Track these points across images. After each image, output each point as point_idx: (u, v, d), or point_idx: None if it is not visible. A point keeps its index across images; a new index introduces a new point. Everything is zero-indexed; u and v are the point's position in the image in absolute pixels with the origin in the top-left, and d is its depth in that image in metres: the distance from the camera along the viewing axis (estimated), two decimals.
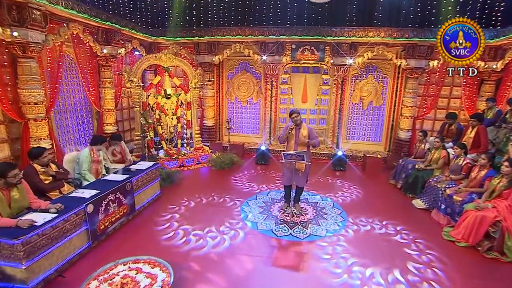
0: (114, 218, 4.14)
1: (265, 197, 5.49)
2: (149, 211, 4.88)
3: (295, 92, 8.42)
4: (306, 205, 5.15)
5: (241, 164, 7.47)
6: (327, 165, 7.63)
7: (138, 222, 4.50)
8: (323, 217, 4.75)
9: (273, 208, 5.03)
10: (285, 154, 4.31)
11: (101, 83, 6.78)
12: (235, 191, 5.74)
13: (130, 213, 4.52)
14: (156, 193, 5.37)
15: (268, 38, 7.69)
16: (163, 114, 7.28)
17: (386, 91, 8.05)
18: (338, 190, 5.96)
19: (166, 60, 7.12)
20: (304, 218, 4.67)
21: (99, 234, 3.81)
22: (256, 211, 4.89)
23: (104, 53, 6.45)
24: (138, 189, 4.75)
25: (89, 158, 4.44)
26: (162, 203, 5.17)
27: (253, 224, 4.45)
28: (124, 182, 4.38)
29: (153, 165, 5.26)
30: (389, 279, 3.25)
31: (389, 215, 4.85)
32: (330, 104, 8.32)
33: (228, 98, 8.91)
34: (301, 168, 4.63)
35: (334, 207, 5.14)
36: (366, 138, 8.45)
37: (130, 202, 4.50)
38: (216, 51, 8.17)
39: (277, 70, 8.15)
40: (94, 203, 3.71)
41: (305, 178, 4.76)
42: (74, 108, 6.41)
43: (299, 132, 4.57)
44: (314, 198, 5.49)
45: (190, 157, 7.40)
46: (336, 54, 7.62)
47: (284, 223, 4.50)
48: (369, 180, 6.68)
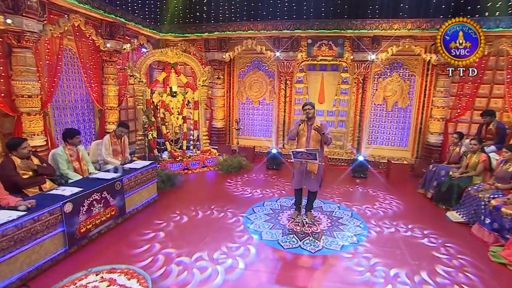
0: (99, 221, 3.76)
1: (274, 203, 5.00)
2: (144, 215, 4.49)
3: (311, 91, 7.94)
4: (320, 214, 4.59)
5: (250, 169, 7.01)
6: (346, 172, 7.02)
7: (128, 226, 4.11)
8: (339, 228, 4.16)
9: (281, 216, 4.52)
10: (294, 152, 3.81)
11: (104, 79, 6.59)
12: (240, 198, 5.25)
13: (119, 215, 4.15)
14: (153, 196, 4.99)
15: (282, 33, 7.30)
16: (167, 113, 6.99)
17: (414, 91, 7.38)
18: (358, 199, 5.36)
19: (173, 56, 6.87)
20: (317, 229, 4.11)
21: (78, 238, 3.43)
22: (262, 219, 4.39)
23: (108, 47, 6.27)
24: (130, 190, 4.38)
25: (64, 157, 4.10)
26: (158, 208, 4.78)
27: (257, 234, 3.95)
28: (113, 180, 4.02)
29: (149, 165, 4.89)
30: (416, 279, 3.06)
31: (419, 225, 4.22)
32: (350, 105, 7.74)
33: (239, 98, 8.54)
34: (313, 170, 4.12)
35: (353, 217, 4.54)
36: (391, 142, 7.76)
37: (119, 203, 4.13)
38: (227, 47, 7.87)
39: (291, 68, 7.71)
40: (74, 202, 3.35)
41: (318, 181, 4.24)
42: (75, 105, 6.23)
43: (311, 128, 4.07)
44: (330, 206, 4.92)
45: (195, 159, 7.04)
46: (356, 49, 7.09)
47: (293, 233, 3.97)
48: (394, 188, 6.00)
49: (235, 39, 7.77)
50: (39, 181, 3.58)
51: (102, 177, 4.06)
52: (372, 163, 7.35)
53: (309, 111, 3.98)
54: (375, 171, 7.14)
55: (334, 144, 8.01)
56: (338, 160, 7.72)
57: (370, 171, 6.99)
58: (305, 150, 3.72)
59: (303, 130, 4.08)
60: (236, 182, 6.11)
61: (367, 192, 5.78)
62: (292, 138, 4.17)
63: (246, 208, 4.74)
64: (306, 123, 4.08)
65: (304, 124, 4.07)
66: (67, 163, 4.15)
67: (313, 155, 3.67)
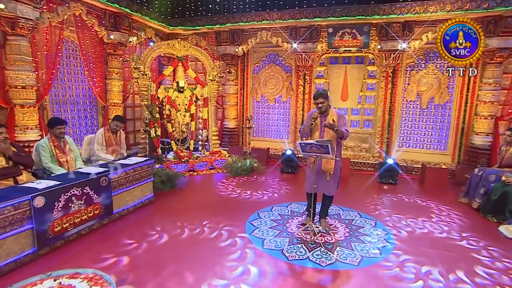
0: (79, 220, 3.48)
1: (283, 209, 4.53)
2: (135, 216, 4.20)
3: (333, 87, 7.43)
4: (336, 222, 4.06)
5: (262, 172, 6.58)
6: (373, 177, 6.40)
7: (115, 228, 3.81)
8: (358, 239, 3.60)
9: (290, 223, 4.05)
10: (302, 145, 3.34)
11: (108, 73, 6.52)
12: (245, 203, 4.82)
13: (105, 215, 3.87)
14: (147, 197, 4.70)
15: (300, 22, 6.92)
16: (174, 109, 6.76)
17: (454, 84, 6.63)
18: (385, 208, 4.75)
19: (180, 49, 6.68)
20: (331, 238, 3.59)
21: (51, 238, 3.15)
22: (267, 225, 3.94)
23: (111, 39, 6.19)
24: (119, 188, 4.11)
25: (47, 149, 3.89)
26: (152, 210, 4.48)
27: (258, 242, 3.49)
28: (98, 175, 3.74)
29: (144, 161, 4.61)
30: (451, 277, 2.91)
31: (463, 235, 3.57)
32: (378, 102, 7.14)
33: (253, 96, 8.20)
34: (328, 169, 3.64)
35: (377, 227, 3.95)
36: (426, 145, 7.01)
37: (105, 202, 3.85)
38: (240, 40, 7.60)
39: (310, 61, 7.25)
40: (47, 196, 3.08)
41: (335, 183, 3.75)
42: (76, 100, 6.17)
43: (325, 120, 3.65)
44: (349, 214, 4.37)
45: (202, 161, 6.74)
46: (384, 37, 6.53)
47: (301, 242, 3.47)
48: (430, 196, 5.28)
49: (248, 31, 7.50)
50: (13, 172, 3.37)
51: (87, 171, 3.81)
52: (403, 168, 6.66)
53: (322, 105, 3.57)
54: (407, 177, 6.44)
55: (359, 146, 7.39)
56: (363, 164, 7.09)
57: (401, 176, 6.31)
58: (315, 142, 3.23)
59: (316, 124, 3.67)
60: (244, 186, 5.70)
61: (396, 199, 5.15)
62: (305, 135, 3.78)
63: (250, 214, 4.29)
64: (319, 116, 3.67)
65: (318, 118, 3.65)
66: (51, 156, 3.94)
67: (325, 148, 3.18)
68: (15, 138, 4.75)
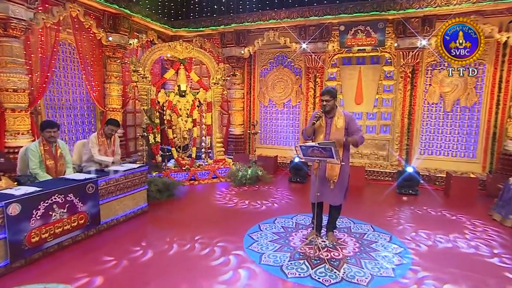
0: (60, 230, 3.36)
1: (287, 221, 4.32)
2: (125, 227, 4.07)
3: (346, 90, 7.21)
4: (346, 236, 3.80)
5: (269, 181, 6.38)
6: (391, 187, 6.07)
7: (103, 240, 3.69)
8: (370, 255, 3.31)
9: (293, 236, 3.82)
10: (303, 148, 3.13)
11: (107, 77, 6.53)
12: (246, 214, 4.63)
13: (91, 226, 3.75)
14: (140, 206, 4.57)
15: (309, 20, 6.78)
16: (175, 114, 6.69)
17: (483, 84, 6.26)
18: (402, 221, 4.44)
19: (182, 51, 6.64)
20: (338, 254, 3.32)
21: (27, 250, 3.04)
22: (268, 238, 3.74)
23: (110, 41, 6.22)
24: (108, 195, 4.00)
25: (37, 153, 3.82)
26: (145, 221, 4.36)
27: (255, 256, 3.28)
28: (84, 182, 3.64)
29: (137, 168, 4.50)
30: None
31: None
32: (396, 105, 6.86)
33: (261, 100, 8.07)
34: (333, 176, 3.44)
35: (392, 242, 3.64)
36: (452, 152, 6.62)
37: (92, 211, 3.73)
38: (246, 42, 7.53)
39: (321, 62, 7.07)
40: (24, 203, 2.98)
41: (341, 191, 3.53)
42: (73, 105, 6.19)
43: (331, 123, 3.46)
44: (361, 227, 4.09)
45: (205, 169, 6.61)
46: (402, 34, 6.29)
47: (304, 258, 3.23)
48: (456, 209, 4.91)
49: (254, 31, 7.42)
50: None
51: (72, 178, 3.72)
52: (425, 177, 6.31)
53: (327, 103, 3.41)
54: (429, 187, 6.08)
55: (376, 154, 7.08)
56: (380, 173, 6.78)
57: (422, 187, 5.97)
58: (317, 145, 3.01)
59: (320, 125, 3.49)
60: (245, 195, 5.52)
61: (415, 212, 4.82)
62: (307, 137, 3.59)
63: (249, 227, 4.09)
64: (324, 117, 3.49)
65: (322, 118, 3.47)
66: (40, 161, 3.87)
67: (328, 151, 2.95)
68: (5, 143, 4.75)
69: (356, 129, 3.40)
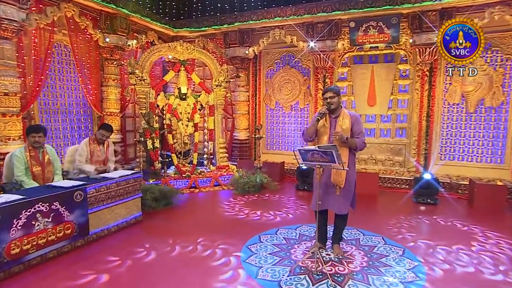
0: (44, 241, 3.30)
1: (290, 232, 4.18)
2: (117, 238, 4.00)
3: (358, 91, 7.06)
4: (353, 249, 3.64)
5: (274, 189, 6.25)
6: (407, 195, 5.88)
7: (92, 251, 3.61)
8: (379, 270, 3.13)
9: (296, 248, 3.68)
10: (302, 152, 2.99)
11: (104, 80, 6.55)
12: (246, 224, 4.51)
13: (79, 236, 3.69)
14: (134, 215, 4.50)
15: (317, 17, 6.68)
16: (175, 118, 6.64)
17: (511, 82, 5.97)
18: (418, 233, 4.22)
19: (183, 52, 6.61)
20: (344, 269, 3.16)
21: (6, 262, 2.98)
22: (267, 250, 3.61)
23: (108, 42, 6.24)
24: (98, 204, 3.94)
25: (22, 159, 3.79)
26: (138, 231, 4.27)
27: (251, 271, 3.15)
28: (72, 189, 3.58)
29: (131, 174, 4.45)
30: None
31: None
32: (412, 106, 6.67)
33: (267, 103, 7.99)
34: (338, 182, 3.29)
35: (405, 256, 3.44)
36: (476, 157, 6.35)
37: (79, 220, 3.68)
38: (250, 41, 7.48)
39: (331, 62, 6.92)
40: (3, 212, 2.94)
41: (347, 199, 3.38)
42: (69, 109, 6.22)
43: (335, 123, 3.34)
44: (371, 239, 3.91)
45: (206, 176, 6.54)
46: (418, 29, 6.12)
47: (305, 273, 3.08)
48: (479, 221, 4.65)
49: (259, 30, 7.37)
50: None
51: (59, 185, 3.67)
52: (446, 185, 6.07)
53: (331, 100, 3.29)
54: (450, 196, 5.83)
55: (391, 159, 6.85)
56: (396, 181, 6.55)
57: (442, 195, 5.73)
58: (317, 148, 2.86)
59: (324, 126, 3.36)
60: (247, 204, 5.41)
61: (433, 223, 4.60)
62: (308, 138, 3.46)
63: (248, 238, 3.95)
64: (328, 117, 3.37)
65: (325, 118, 3.35)
66: (26, 168, 3.84)
67: (329, 155, 2.79)
68: None
69: (359, 132, 3.27)
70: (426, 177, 5.45)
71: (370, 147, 6.97)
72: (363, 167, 7.00)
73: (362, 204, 5.30)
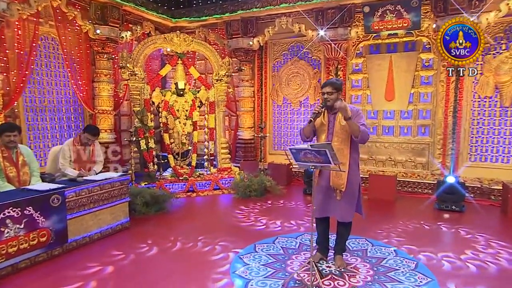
0: (15, 249, 3.29)
1: (290, 241, 4.08)
2: (102, 246, 3.98)
3: (375, 84, 6.89)
4: (359, 261, 3.50)
5: (279, 193, 6.14)
6: (428, 201, 5.70)
7: (71, 260, 3.59)
8: (384, 285, 3.00)
9: (293, 259, 3.58)
10: (294, 151, 2.90)
11: (96, 75, 6.58)
12: (235, 235, 4.37)
13: (56, 244, 3.66)
14: (120, 221, 4.49)
15: (327, 3, 6.58)
16: (171, 116, 6.61)
17: None
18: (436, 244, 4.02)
19: (180, 43, 6.61)
20: (344, 283, 3.04)
21: None
22: (261, 261, 3.52)
23: (98, 34, 6.26)
24: (79, 209, 3.92)
25: None
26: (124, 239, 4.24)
27: (241, 283, 3.06)
28: (48, 193, 3.57)
29: (117, 177, 4.45)
30: None
31: None
32: (437, 101, 6.45)
33: (274, 99, 7.93)
34: (339, 185, 3.19)
35: (417, 270, 3.28)
36: None
37: (57, 227, 3.66)
38: (254, 31, 7.44)
39: (343, 52, 6.75)
40: None
41: (351, 204, 3.26)
42: (58, 107, 6.29)
43: (335, 120, 3.23)
44: (381, 250, 3.77)
45: (206, 179, 6.52)
46: (442, 12, 5.90)
47: (300, 287, 2.99)
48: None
49: (264, 18, 7.33)
50: None
51: (35, 188, 3.68)
52: (477, 190, 5.82)
53: (329, 97, 3.17)
54: (478, 203, 5.58)
55: (413, 161, 6.61)
56: (418, 184, 6.36)
57: (469, 201, 5.49)
58: (309, 147, 2.75)
59: (322, 124, 3.27)
60: (248, 210, 5.32)
61: (456, 233, 4.37)
62: (306, 138, 3.38)
63: (242, 247, 3.87)
64: (327, 113, 3.28)
65: (323, 115, 3.25)
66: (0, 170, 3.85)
67: (323, 155, 2.63)
68: None
69: (361, 125, 3.10)
70: (449, 181, 5.23)
71: (389, 147, 6.81)
72: (381, 169, 6.83)
73: (375, 211, 5.21)
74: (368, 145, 6.87)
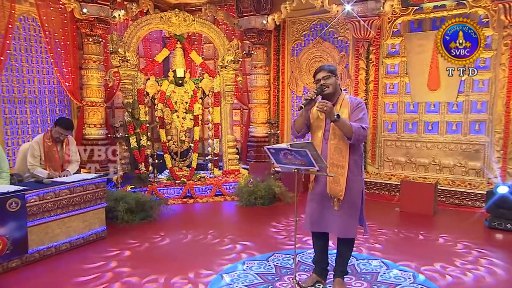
0: None
1: (287, 258, 4.02)
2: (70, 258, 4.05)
3: (415, 70, 6.67)
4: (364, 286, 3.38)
5: (290, 201, 6.03)
6: (476, 215, 5.50)
7: (30, 275, 3.68)
8: None
9: (284, 281, 3.49)
10: (272, 151, 2.88)
11: (84, 62, 6.73)
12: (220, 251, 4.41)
13: (13, 255, 3.74)
14: (95, 230, 4.58)
15: None
16: (168, 109, 6.65)
17: None
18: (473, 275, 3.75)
19: (179, 24, 6.70)
20: None
21: None
22: (247, 281, 3.48)
23: (86, 14, 6.37)
24: (43, 215, 4.00)
25: None
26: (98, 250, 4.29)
27: None
28: (4, 196, 3.65)
29: (91, 179, 4.55)
30: None
31: None
32: (496, 90, 6.13)
33: (293, 89, 7.92)
34: (336, 193, 3.04)
35: None
36: None
37: (14, 235, 3.74)
38: (269, 7, 7.43)
39: (374, 31, 6.60)
40: None
41: (352, 217, 3.11)
42: (40, 98, 6.50)
43: None
44: (399, 276, 3.61)
45: (206, 183, 6.60)
46: None
47: None
48: None
49: None
50: None
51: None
52: None
53: (326, 82, 3.05)
54: None
55: (464, 166, 6.29)
56: (468, 195, 6.09)
57: None
58: (288, 147, 2.70)
59: (317, 118, 3.16)
60: (248, 219, 5.29)
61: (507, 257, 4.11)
62: (296, 133, 3.26)
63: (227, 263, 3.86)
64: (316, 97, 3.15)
65: None
66: None
67: (304, 156, 2.49)
68: None
69: (358, 119, 2.97)
70: (500, 191, 4.88)
71: (433, 147, 6.57)
72: (423, 175, 6.61)
73: (402, 227, 5.06)
74: (407, 145, 6.74)
